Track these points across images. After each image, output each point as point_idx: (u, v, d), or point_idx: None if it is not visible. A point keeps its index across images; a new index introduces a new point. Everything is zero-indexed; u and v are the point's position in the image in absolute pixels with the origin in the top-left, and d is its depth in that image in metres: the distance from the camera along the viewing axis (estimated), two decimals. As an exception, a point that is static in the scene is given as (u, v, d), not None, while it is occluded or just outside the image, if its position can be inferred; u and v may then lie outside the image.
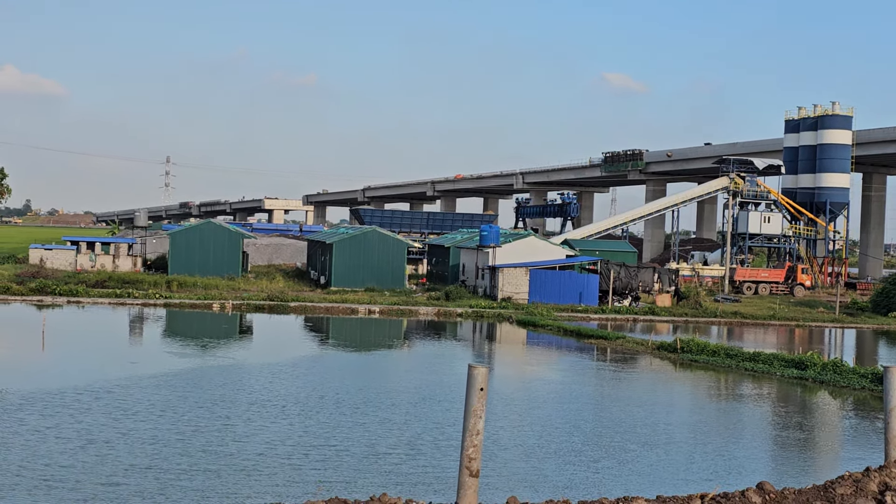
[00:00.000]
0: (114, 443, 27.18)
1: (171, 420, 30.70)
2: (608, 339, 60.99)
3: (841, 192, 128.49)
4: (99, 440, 27.49)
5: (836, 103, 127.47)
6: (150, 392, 35.98)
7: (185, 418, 31.05)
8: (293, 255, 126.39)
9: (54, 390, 35.23)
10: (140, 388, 36.86)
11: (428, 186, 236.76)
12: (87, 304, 72.54)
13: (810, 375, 46.60)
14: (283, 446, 27.59)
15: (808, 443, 33.42)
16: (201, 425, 30.04)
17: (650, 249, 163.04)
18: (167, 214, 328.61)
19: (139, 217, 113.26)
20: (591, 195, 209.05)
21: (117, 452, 26.09)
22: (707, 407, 40.43)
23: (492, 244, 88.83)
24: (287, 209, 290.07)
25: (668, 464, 27.79)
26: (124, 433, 28.39)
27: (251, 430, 29.77)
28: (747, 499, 13.20)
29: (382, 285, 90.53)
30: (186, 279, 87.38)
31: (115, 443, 27.17)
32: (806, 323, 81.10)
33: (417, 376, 44.15)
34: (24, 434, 27.91)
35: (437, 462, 26.22)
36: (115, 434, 28.22)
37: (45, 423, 29.55)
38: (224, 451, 26.66)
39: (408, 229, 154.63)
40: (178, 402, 34.10)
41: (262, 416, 32.17)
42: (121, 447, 26.69)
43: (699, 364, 51.37)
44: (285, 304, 75.58)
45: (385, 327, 69.31)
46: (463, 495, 12.18)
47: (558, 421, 33.70)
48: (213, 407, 33.32)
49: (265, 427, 30.20)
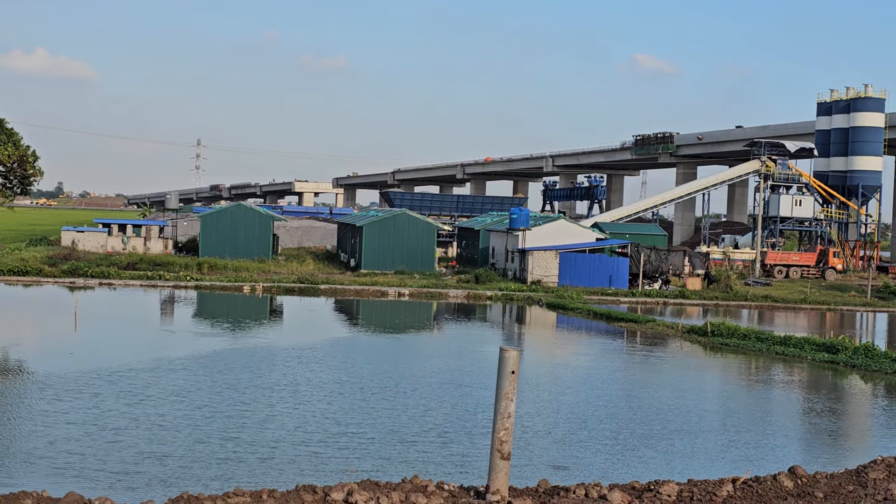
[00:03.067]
0: (127, 429, 27.25)
1: (194, 404, 30.86)
2: (638, 322, 60.85)
3: (873, 175, 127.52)
4: (122, 425, 27.78)
5: (869, 86, 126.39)
6: (176, 375, 36.21)
7: (206, 403, 31.17)
8: (323, 237, 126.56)
9: (90, 371, 35.57)
10: (166, 370, 37.10)
11: (458, 169, 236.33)
12: (118, 287, 72.92)
13: (841, 359, 46.36)
14: (312, 432, 27.61)
15: (839, 427, 33.27)
16: (223, 410, 30.14)
17: (680, 233, 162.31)
18: (198, 197, 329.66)
19: (170, 199, 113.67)
20: (622, 178, 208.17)
21: (134, 438, 26.26)
22: (738, 391, 40.29)
23: (521, 227, 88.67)
24: (317, 192, 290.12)
25: (699, 449, 27.72)
26: (136, 419, 28.46)
27: (274, 414, 29.84)
28: (779, 483, 13.18)
29: (412, 268, 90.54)
30: (217, 262, 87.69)
31: (128, 429, 27.21)
32: (837, 307, 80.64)
33: (447, 360, 44.17)
34: (37, 417, 28.29)
35: (467, 450, 26.03)
36: (129, 420, 28.31)
37: (62, 406, 29.84)
38: (245, 437, 26.66)
39: (437, 212, 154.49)
40: (201, 386, 34.25)
41: (288, 400, 32.30)
42: (137, 433, 26.80)
43: (729, 348, 51.17)
44: (315, 286, 75.75)
45: (415, 310, 69.38)
46: (495, 477, 12.21)
47: (588, 406, 33.65)
48: (236, 392, 33.37)
49: (291, 412, 30.26)
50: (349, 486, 12.09)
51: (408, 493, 12.15)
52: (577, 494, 12.52)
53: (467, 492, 12.53)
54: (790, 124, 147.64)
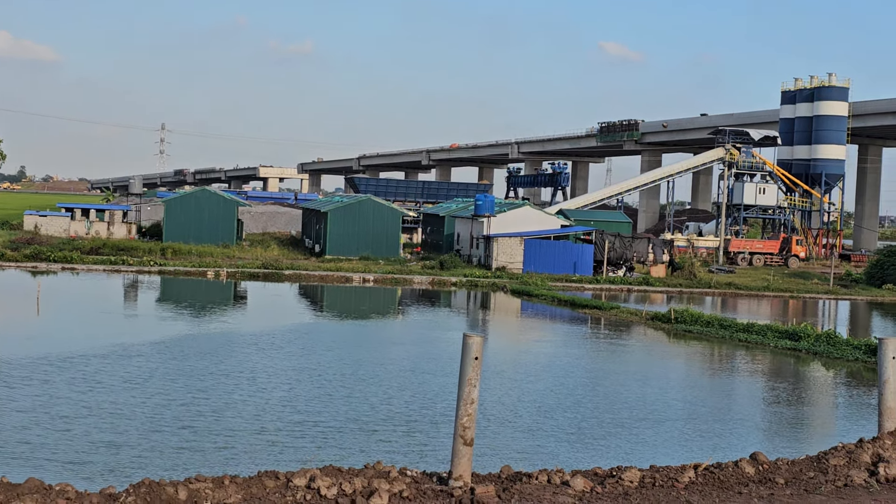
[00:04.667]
0: (79, 418, 26.77)
1: (148, 392, 30.08)
2: (602, 309, 61.01)
3: (836, 163, 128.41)
4: (74, 413, 27.34)
5: (833, 75, 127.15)
6: (130, 361, 35.58)
7: (161, 391, 30.44)
8: (288, 223, 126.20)
9: (42, 357, 35.17)
10: (120, 356, 36.46)
11: (423, 155, 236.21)
12: (81, 271, 72.43)
13: (804, 347, 46.66)
14: (270, 421, 27.15)
15: (801, 414, 33.48)
16: (178, 398, 29.44)
17: (645, 220, 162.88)
18: (162, 182, 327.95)
19: (134, 184, 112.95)
20: (587, 165, 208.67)
21: (86, 426, 25.65)
22: (701, 379, 40.49)
23: (487, 213, 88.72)
24: (282, 177, 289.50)
25: (661, 436, 27.76)
26: (88, 406, 27.79)
27: (232, 401, 29.25)
28: (741, 469, 13.20)
29: (377, 254, 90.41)
30: (181, 247, 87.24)
31: (80, 417, 26.72)
32: (800, 294, 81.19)
33: (410, 347, 44.17)
34: None
35: (430, 439, 25.69)
36: (81, 407, 27.69)
37: (10, 393, 29.22)
38: (201, 426, 25.96)
39: (403, 198, 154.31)
40: (157, 373, 33.54)
41: (246, 387, 31.75)
42: (88, 421, 26.23)
43: (693, 334, 51.39)
44: (280, 272, 75.50)
45: (379, 296, 69.28)
46: (457, 463, 12.17)
47: (552, 394, 33.58)
48: (193, 378, 32.72)
49: (248, 400, 29.61)
50: (311, 471, 12.02)
51: (370, 478, 12.08)
52: (539, 480, 12.50)
53: (430, 477, 12.49)
54: (754, 112, 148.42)
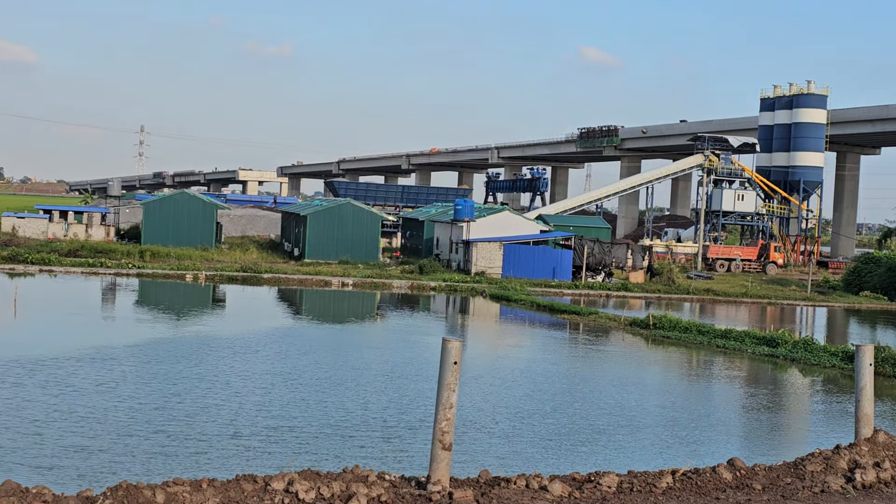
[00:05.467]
0: (49, 422, 26.55)
1: (120, 396, 29.68)
2: (581, 314, 61.09)
3: (815, 171, 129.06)
4: (44, 417, 27.12)
5: (812, 82, 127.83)
6: (103, 364, 35.26)
7: (135, 394, 30.09)
8: (267, 226, 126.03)
9: (13, 359, 34.95)
10: (92, 359, 36.08)
11: (403, 160, 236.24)
12: (59, 274, 72.13)
13: (781, 353, 46.83)
14: (245, 426, 26.83)
15: (778, 420, 33.59)
16: (151, 402, 29.04)
17: (624, 226, 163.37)
18: (141, 184, 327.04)
19: (112, 186, 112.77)
20: (566, 171, 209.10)
21: (57, 431, 25.35)
22: (679, 385, 40.55)
23: (466, 218, 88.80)
24: (261, 181, 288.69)
25: (639, 441, 27.78)
26: (63, 411, 27.39)
27: (205, 406, 28.87)
28: (718, 475, 13.25)
29: (356, 258, 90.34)
30: (160, 249, 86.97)
31: (51, 422, 26.41)
32: (778, 301, 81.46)
33: (388, 351, 44.10)
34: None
35: (408, 445, 25.42)
36: (51, 412, 27.37)
37: None
38: (174, 431, 25.50)
39: (382, 202, 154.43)
40: (131, 376, 33.12)
41: (220, 392, 31.43)
42: (60, 426, 25.84)
43: (671, 340, 51.51)
44: (259, 275, 75.35)
45: (358, 300, 69.21)
46: (435, 468, 12.16)
47: (530, 399, 33.57)
48: (167, 383, 32.27)
49: (223, 405, 29.22)
50: (290, 475, 12.00)
51: (349, 482, 12.07)
52: (517, 485, 12.51)
53: (408, 482, 12.48)
54: (733, 119, 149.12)
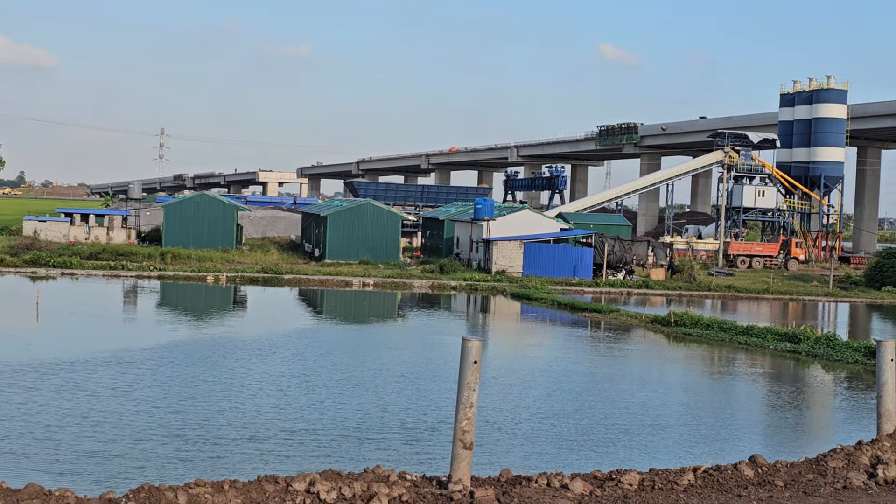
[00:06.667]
0: (64, 427, 26.73)
1: (135, 399, 29.55)
2: (602, 312, 61.00)
3: (835, 166, 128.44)
4: (58, 422, 27.19)
5: (832, 77, 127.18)
6: (125, 368, 35.35)
7: (151, 397, 30.06)
8: (287, 227, 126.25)
9: (30, 363, 35.06)
10: (107, 363, 36.10)
11: (422, 159, 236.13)
12: (80, 277, 72.43)
13: (803, 349, 46.65)
14: (264, 428, 26.74)
15: (800, 417, 33.48)
16: (167, 405, 28.89)
17: (644, 223, 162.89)
18: (161, 186, 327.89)
19: (133, 189, 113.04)
20: (586, 169, 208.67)
21: (72, 436, 25.30)
22: (701, 381, 40.45)
23: (486, 217, 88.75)
24: (281, 182, 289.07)
25: (662, 441, 27.69)
26: (78, 416, 27.33)
27: (223, 409, 28.76)
28: (739, 471, 13.24)
29: (376, 258, 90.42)
30: (180, 251, 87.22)
31: (65, 427, 26.62)
32: (799, 297, 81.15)
33: (410, 351, 44.10)
34: None
35: (429, 447, 25.17)
36: (66, 416, 27.70)
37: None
38: (191, 435, 25.29)
39: (402, 202, 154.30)
40: (148, 379, 33.06)
41: (240, 394, 31.45)
42: (75, 430, 25.79)
43: (693, 338, 51.38)
44: (279, 276, 75.48)
45: (379, 300, 69.26)
46: (457, 467, 12.20)
47: (552, 399, 33.54)
48: (186, 386, 32.22)
49: (241, 407, 29.13)
50: (311, 476, 12.05)
51: (370, 482, 12.12)
52: (539, 484, 12.53)
53: (429, 481, 12.52)
54: (753, 115, 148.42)
